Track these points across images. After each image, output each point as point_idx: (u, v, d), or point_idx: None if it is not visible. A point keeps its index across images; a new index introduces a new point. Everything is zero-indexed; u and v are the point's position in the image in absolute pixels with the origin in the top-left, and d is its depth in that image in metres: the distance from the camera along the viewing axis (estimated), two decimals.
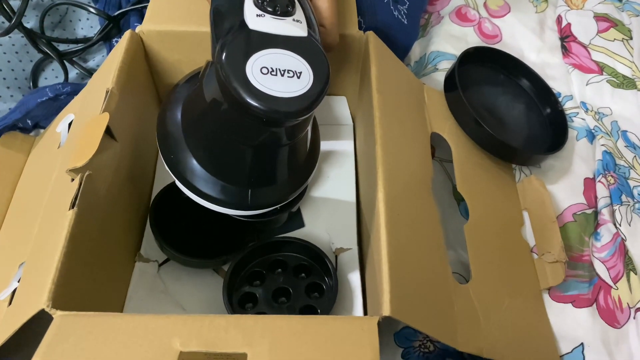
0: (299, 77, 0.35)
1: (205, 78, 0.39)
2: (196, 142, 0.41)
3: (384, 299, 0.33)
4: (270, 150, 0.40)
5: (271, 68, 0.35)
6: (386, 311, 0.33)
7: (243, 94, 0.34)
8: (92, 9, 0.63)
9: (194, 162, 0.41)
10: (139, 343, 0.32)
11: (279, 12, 0.37)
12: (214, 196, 0.42)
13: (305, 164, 0.45)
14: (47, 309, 0.33)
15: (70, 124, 0.49)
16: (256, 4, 0.37)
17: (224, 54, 0.35)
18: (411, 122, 0.49)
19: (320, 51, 0.37)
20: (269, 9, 0.37)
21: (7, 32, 0.57)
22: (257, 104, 0.34)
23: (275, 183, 0.43)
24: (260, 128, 0.38)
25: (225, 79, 0.34)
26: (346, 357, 0.30)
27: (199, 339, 0.32)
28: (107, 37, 0.64)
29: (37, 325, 0.34)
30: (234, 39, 0.36)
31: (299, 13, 0.38)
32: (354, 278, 0.46)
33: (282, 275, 0.47)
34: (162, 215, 0.48)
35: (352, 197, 0.51)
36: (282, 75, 0.35)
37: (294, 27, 0.37)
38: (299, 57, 0.36)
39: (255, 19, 0.37)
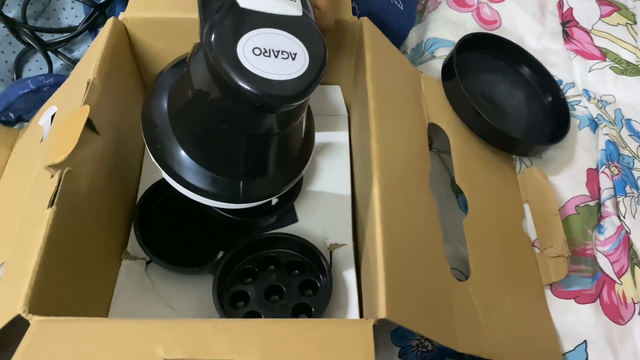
0: (293, 59, 0.33)
1: (193, 62, 0.37)
2: (184, 132, 0.40)
3: (380, 300, 0.32)
4: (263, 138, 0.38)
5: (264, 49, 0.33)
6: (382, 313, 0.32)
7: (234, 77, 0.32)
8: None
9: (182, 152, 0.39)
10: (121, 350, 0.31)
11: None
12: (204, 188, 0.40)
13: (300, 154, 0.43)
14: (23, 314, 0.32)
15: (53, 117, 0.48)
16: None
17: (213, 34, 0.33)
18: (407, 112, 0.48)
19: (316, 32, 0.35)
20: None
21: None
22: (249, 87, 0.32)
23: (267, 174, 0.41)
24: (253, 114, 0.36)
25: (214, 61, 0.32)
26: None
27: (183, 345, 0.30)
28: (93, 26, 0.62)
29: (17, 330, 0.32)
30: (223, 18, 0.34)
31: None
32: (349, 275, 0.45)
33: (274, 272, 0.46)
34: (147, 218, 0.48)
35: (347, 191, 0.50)
36: (276, 56, 0.33)
37: (288, 5, 0.35)
38: (293, 37, 0.34)
39: None
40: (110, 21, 0.46)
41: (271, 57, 0.33)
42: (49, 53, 0.61)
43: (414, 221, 0.40)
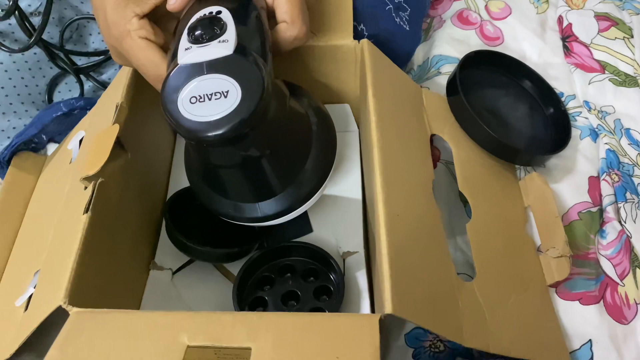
0: (226, 97, 0.36)
1: None
2: (201, 177, 0.46)
3: (386, 297, 0.34)
4: (247, 166, 0.42)
5: (199, 96, 0.36)
6: (388, 309, 0.34)
7: (177, 128, 0.36)
8: None
9: (211, 191, 0.46)
10: (149, 337, 0.34)
11: (206, 39, 0.38)
12: (232, 214, 0.46)
13: (314, 169, 0.46)
14: (64, 306, 0.35)
15: (81, 141, 0.51)
16: (187, 39, 0.39)
17: (161, 97, 0.37)
18: (409, 125, 0.50)
19: (249, 64, 0.37)
20: (196, 39, 0.38)
21: (28, 47, 0.59)
22: (187, 135, 0.36)
23: (278, 194, 0.44)
24: (222, 151, 0.39)
25: (167, 120, 0.37)
26: (347, 352, 0.31)
27: (205, 334, 0.33)
28: None
29: (52, 328, 0.36)
30: (166, 80, 0.38)
31: (229, 32, 0.38)
32: (362, 280, 0.47)
33: (291, 279, 0.48)
34: (176, 218, 0.50)
35: (359, 202, 0.52)
36: (210, 99, 0.36)
37: (218, 48, 0.38)
38: (224, 76, 0.37)
39: (184, 54, 0.38)
40: None
41: (205, 101, 0.36)
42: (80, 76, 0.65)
43: (417, 224, 0.42)
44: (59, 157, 0.56)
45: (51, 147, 0.60)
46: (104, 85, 0.65)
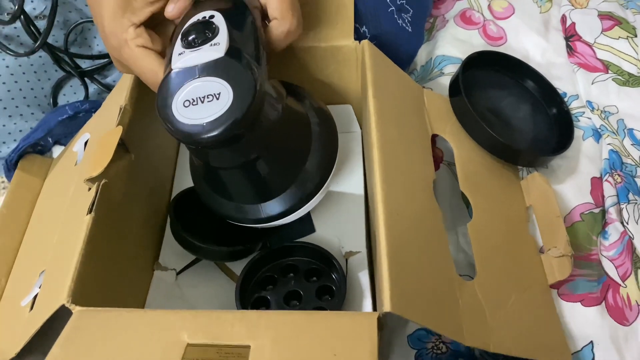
0: (218, 99, 0.36)
1: None
2: (204, 181, 0.47)
3: (384, 295, 0.34)
4: (250, 167, 0.43)
5: (192, 99, 0.37)
6: (387, 307, 0.34)
7: (171, 132, 0.37)
8: None
9: (214, 194, 0.46)
10: (150, 336, 0.34)
11: (198, 43, 0.39)
12: (235, 216, 0.46)
13: (317, 169, 0.46)
14: (67, 305, 0.36)
15: (86, 143, 0.52)
16: (181, 44, 0.40)
17: (156, 102, 0.38)
18: (410, 125, 0.50)
19: (241, 65, 0.38)
20: (189, 44, 0.39)
21: (33, 51, 0.60)
22: (182, 138, 0.37)
23: (280, 194, 0.45)
24: (222, 151, 0.40)
25: (162, 124, 0.37)
26: (345, 350, 0.32)
27: (205, 332, 0.34)
28: None
29: (58, 328, 0.36)
30: (161, 85, 0.38)
31: (220, 35, 0.39)
32: (364, 280, 0.47)
33: (293, 279, 0.48)
34: (180, 216, 0.50)
35: (361, 202, 0.52)
36: (202, 102, 0.36)
37: (209, 52, 0.38)
38: (216, 79, 0.37)
39: (177, 58, 0.39)
40: None
41: (198, 104, 0.36)
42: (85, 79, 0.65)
43: (417, 223, 0.42)
44: (64, 160, 0.57)
45: (57, 150, 0.61)
46: (108, 87, 0.66)
